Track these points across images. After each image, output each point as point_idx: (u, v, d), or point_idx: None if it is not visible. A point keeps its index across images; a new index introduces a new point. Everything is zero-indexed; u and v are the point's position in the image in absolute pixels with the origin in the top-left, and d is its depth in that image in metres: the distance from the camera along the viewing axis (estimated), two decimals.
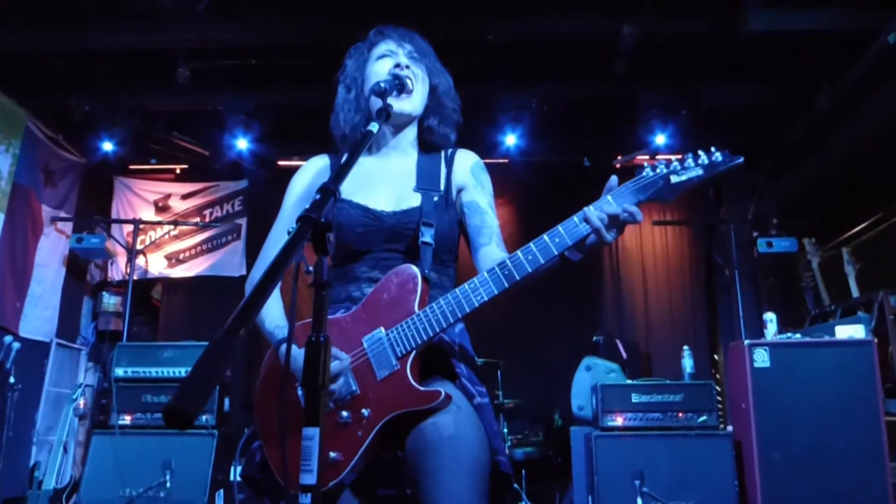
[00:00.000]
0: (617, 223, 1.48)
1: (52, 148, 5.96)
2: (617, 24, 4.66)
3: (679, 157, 1.55)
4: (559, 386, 4.90)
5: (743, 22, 4.42)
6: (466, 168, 1.84)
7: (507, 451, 1.60)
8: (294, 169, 1.91)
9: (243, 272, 6.33)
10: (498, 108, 5.50)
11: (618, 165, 6.13)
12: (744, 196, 6.39)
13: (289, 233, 1.04)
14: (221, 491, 4.21)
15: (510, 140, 5.82)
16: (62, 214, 6.08)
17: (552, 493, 4.97)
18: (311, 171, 1.86)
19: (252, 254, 6.33)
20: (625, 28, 4.64)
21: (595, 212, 1.47)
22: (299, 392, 1.52)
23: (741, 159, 1.54)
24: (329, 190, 1.12)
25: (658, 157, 6.05)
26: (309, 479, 0.99)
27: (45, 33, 4.79)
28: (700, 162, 1.53)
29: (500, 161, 5.95)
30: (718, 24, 4.61)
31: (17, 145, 5.46)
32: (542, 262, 1.49)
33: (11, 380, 4.91)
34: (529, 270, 1.49)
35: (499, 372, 5.10)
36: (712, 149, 1.54)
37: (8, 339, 5.00)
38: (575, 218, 1.51)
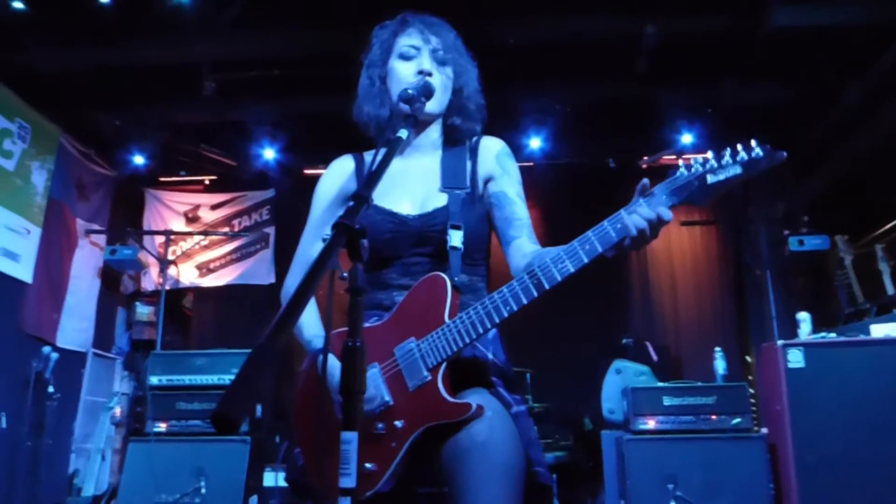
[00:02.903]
0: (651, 226, 1.41)
1: (85, 163, 6.09)
2: (639, 24, 4.64)
3: (715, 153, 1.44)
4: (588, 389, 4.87)
5: (766, 18, 4.38)
6: (492, 156, 1.79)
7: (545, 463, 1.57)
8: (320, 178, 1.90)
9: (272, 280, 6.40)
10: (521, 111, 5.50)
11: (644, 166, 6.09)
12: (772, 194, 6.30)
13: (324, 240, 1.06)
14: (255, 497, 4.26)
15: (534, 143, 5.81)
16: (95, 227, 6.21)
17: (583, 497, 4.94)
18: (336, 174, 1.85)
19: (280, 262, 6.41)
20: (647, 27, 4.62)
21: (627, 217, 1.42)
22: (336, 402, 1.53)
23: (784, 155, 1.42)
24: (362, 197, 1.14)
25: (684, 155, 5.99)
26: (348, 482, 1.00)
27: (75, 51, 4.91)
28: (739, 159, 1.42)
29: (525, 164, 5.95)
30: (741, 21, 4.56)
31: (52, 161, 5.59)
32: (573, 270, 1.44)
33: (50, 389, 5.02)
34: (559, 279, 1.44)
35: (527, 376, 5.09)
36: (752, 143, 1.42)
37: (46, 349, 5.12)
38: (606, 223, 1.44)
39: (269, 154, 6.05)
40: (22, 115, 5.23)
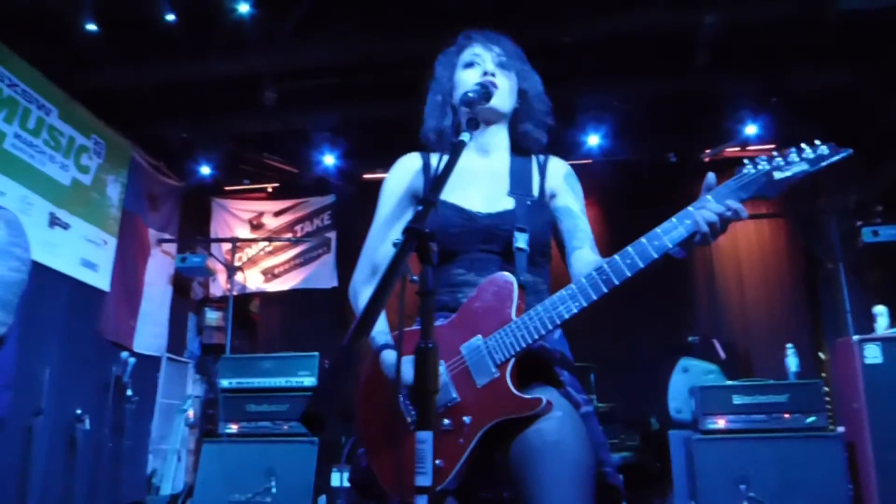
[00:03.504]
0: (722, 220, 1.43)
1: (155, 175, 6.34)
2: (697, 14, 4.55)
3: (781, 151, 1.46)
4: (654, 388, 4.80)
5: (833, 1, 4.22)
6: (559, 176, 1.84)
7: (614, 463, 1.56)
8: (379, 182, 1.93)
9: (335, 284, 6.51)
10: (578, 108, 5.45)
11: (706, 159, 5.95)
12: (842, 184, 6.06)
13: (395, 244, 1.09)
14: (324, 497, 4.35)
15: (592, 140, 5.75)
16: (166, 236, 6.45)
17: (651, 498, 4.86)
18: (403, 171, 1.88)
19: (342, 265, 6.51)
20: (706, 17, 4.52)
21: (696, 212, 1.42)
22: (400, 400, 1.55)
23: (849, 151, 1.43)
24: (430, 201, 1.16)
25: (749, 147, 5.85)
26: (424, 480, 1.03)
27: (143, 68, 5.11)
28: (805, 156, 1.45)
29: (583, 162, 5.89)
30: (806, 6, 4.41)
31: (125, 174, 5.83)
32: (642, 265, 1.44)
33: (129, 392, 5.24)
34: (629, 275, 1.45)
35: (591, 375, 5.04)
36: (816, 142, 1.45)
37: (124, 354, 5.35)
38: (674, 219, 1.45)
39: (329, 160, 6.16)
40: (97, 131, 5.48)
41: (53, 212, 4.98)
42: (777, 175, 1.45)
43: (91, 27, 4.44)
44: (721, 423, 3.89)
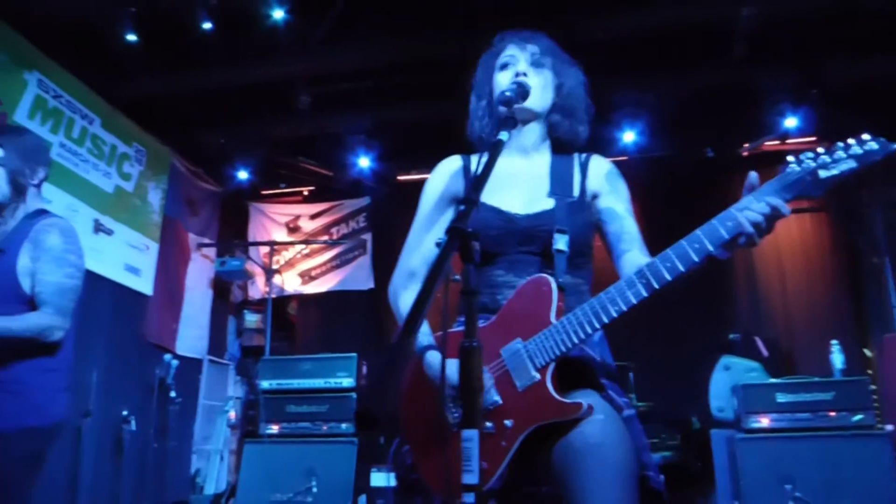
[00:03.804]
0: (766, 220, 1.39)
1: (194, 180, 6.46)
2: (734, 7, 4.48)
3: (826, 147, 1.41)
4: (694, 387, 4.73)
5: None
6: (601, 175, 1.81)
7: (657, 468, 1.55)
8: (413, 183, 1.96)
9: (371, 286, 6.55)
10: (613, 105, 5.41)
11: (745, 153, 5.86)
12: (887, 175, 5.89)
13: (437, 244, 1.10)
14: (364, 496, 4.39)
15: (628, 137, 5.70)
16: (206, 241, 6.57)
17: (692, 498, 4.80)
18: (444, 173, 1.89)
19: (378, 267, 6.55)
20: (743, 9, 4.45)
21: (739, 213, 1.40)
22: (445, 400, 1.56)
23: None
24: (471, 200, 1.17)
25: (788, 140, 5.74)
26: (471, 478, 1.03)
27: (181, 75, 5.22)
28: (852, 152, 1.39)
29: (619, 159, 5.83)
30: None
31: (165, 180, 5.96)
32: (683, 270, 1.42)
33: (172, 394, 5.35)
34: (669, 279, 1.43)
35: (630, 374, 5.00)
36: (865, 136, 1.39)
37: (167, 357, 5.46)
38: (715, 221, 1.42)
39: (363, 162, 6.21)
40: (138, 139, 5.61)
41: (98, 218, 5.11)
42: (823, 174, 1.40)
43: (131, 38, 4.54)
44: (764, 421, 3.82)
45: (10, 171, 2.35)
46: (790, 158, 1.43)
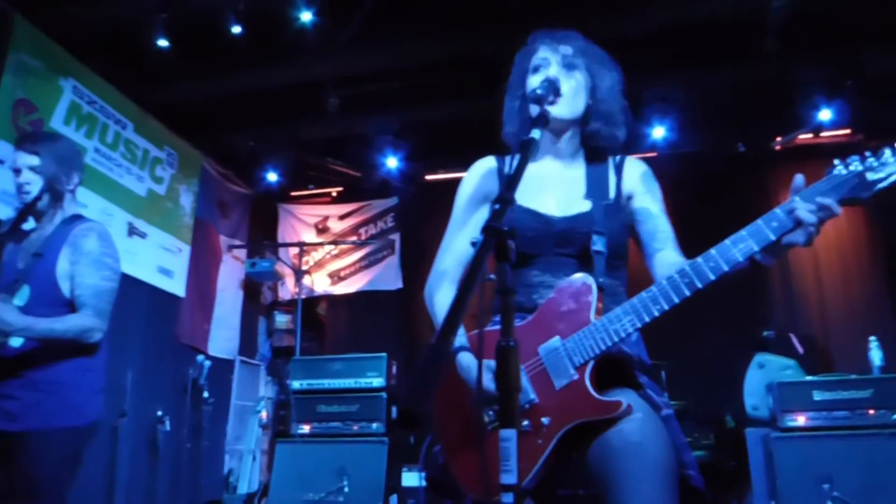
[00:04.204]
0: (812, 223, 1.36)
1: (225, 183, 6.54)
2: (765, 0, 4.40)
3: (872, 151, 1.38)
4: (728, 385, 4.66)
5: None
6: (636, 177, 1.81)
7: (697, 466, 1.53)
8: (440, 183, 1.97)
9: (399, 285, 6.58)
10: (642, 101, 5.35)
11: (777, 148, 5.76)
12: None
13: (473, 244, 1.10)
14: (395, 496, 4.40)
15: (658, 133, 5.64)
16: (236, 242, 6.65)
17: (728, 498, 4.73)
18: (478, 174, 1.89)
19: (407, 267, 6.57)
20: (775, 2, 4.37)
21: (785, 213, 1.37)
22: (479, 400, 1.56)
23: None
24: (506, 199, 1.17)
25: (822, 133, 5.63)
26: (510, 478, 1.03)
27: (211, 79, 5.28)
28: None
29: (649, 155, 5.78)
30: None
31: (196, 183, 6.05)
32: (726, 269, 1.41)
33: (205, 394, 5.42)
34: (712, 279, 1.42)
35: (663, 373, 4.94)
36: None
37: (200, 358, 5.54)
38: (760, 221, 1.40)
39: (391, 163, 6.24)
40: (169, 143, 5.70)
41: (131, 222, 5.20)
42: (871, 176, 1.37)
43: (162, 43, 4.61)
44: (801, 420, 3.76)
45: (48, 177, 2.40)
46: (836, 161, 1.40)
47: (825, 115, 5.35)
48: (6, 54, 4.14)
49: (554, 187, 1.78)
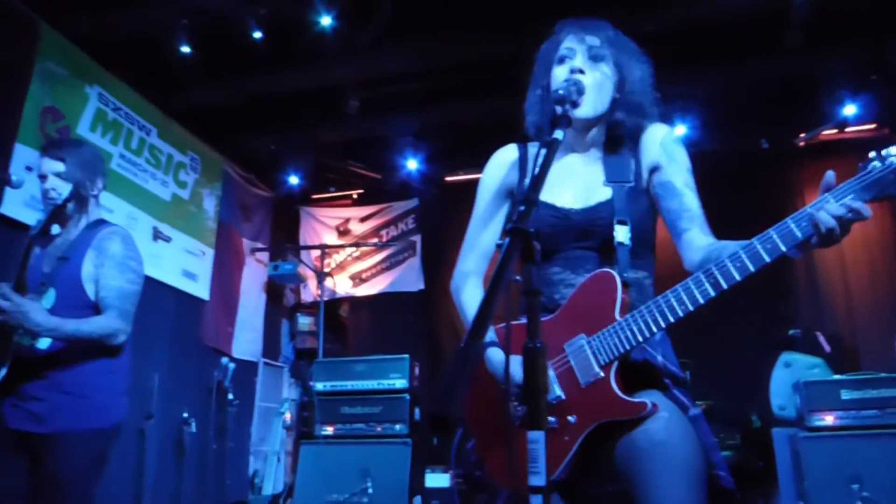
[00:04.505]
0: (842, 224, 1.30)
1: (247, 186, 6.60)
2: None
3: None
4: (754, 385, 4.62)
5: None
6: (656, 144, 1.71)
7: (727, 467, 1.51)
8: (461, 184, 1.95)
9: (421, 287, 6.59)
10: (663, 99, 5.30)
11: (801, 143, 5.68)
12: None
13: (498, 246, 1.10)
14: (419, 497, 4.41)
15: (679, 131, 5.60)
16: (259, 245, 6.70)
17: (755, 499, 4.68)
18: (498, 167, 1.86)
19: (428, 268, 6.58)
20: None
21: (815, 213, 1.32)
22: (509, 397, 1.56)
23: None
24: (531, 201, 1.17)
25: (848, 129, 5.55)
26: (538, 480, 1.04)
27: (233, 84, 5.34)
28: None
29: None
30: None
31: (219, 187, 6.11)
32: (753, 269, 1.37)
33: (230, 396, 5.47)
34: (738, 279, 1.38)
35: (687, 372, 4.90)
36: None
37: (224, 360, 5.59)
38: (789, 220, 1.36)
39: (411, 165, 6.26)
40: (192, 147, 5.76)
41: (156, 226, 5.27)
42: None
43: (185, 49, 4.67)
44: (829, 419, 3.71)
45: (73, 183, 2.44)
46: (871, 154, 1.33)
47: (850, 109, 5.27)
48: (34, 63, 4.22)
49: (572, 179, 1.74)
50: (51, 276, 2.40)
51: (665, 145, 1.71)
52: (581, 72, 1.68)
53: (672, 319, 1.45)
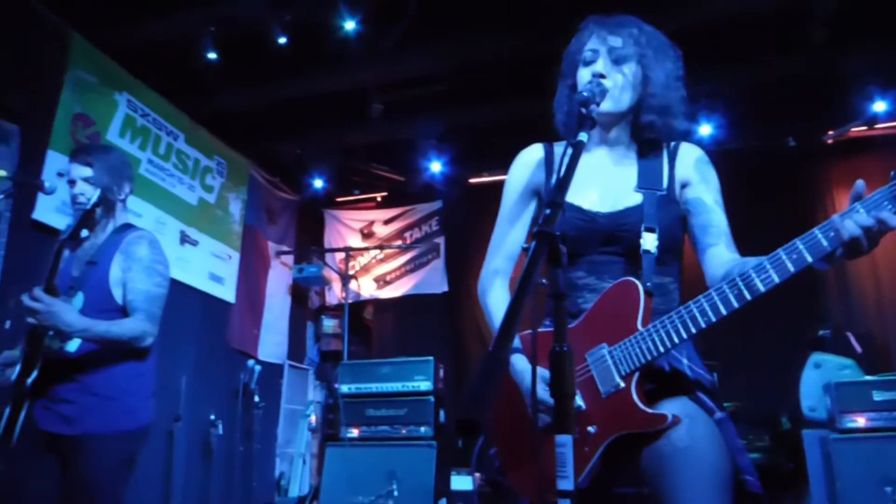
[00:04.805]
0: (870, 235, 1.27)
1: (272, 190, 6.66)
2: None
3: None
4: (783, 386, 4.55)
5: None
6: (690, 163, 1.72)
7: (755, 471, 1.48)
8: (484, 186, 1.94)
9: (445, 289, 6.60)
10: (689, 97, 5.25)
11: (829, 141, 5.59)
12: None
13: (524, 249, 1.10)
14: (444, 500, 4.41)
15: (704, 130, 5.54)
16: (284, 248, 6.76)
17: (784, 502, 4.61)
18: (523, 166, 1.84)
19: (452, 270, 6.59)
20: None
21: (842, 223, 1.28)
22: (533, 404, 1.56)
23: None
24: (557, 204, 1.16)
25: (877, 126, 5.45)
26: (566, 484, 1.03)
27: (258, 89, 5.39)
28: None
29: None
30: None
31: (244, 191, 6.18)
32: (778, 281, 1.35)
33: (256, 398, 5.52)
34: (762, 290, 1.36)
35: (714, 374, 4.84)
36: None
37: (251, 362, 5.64)
38: (816, 230, 1.32)
39: (435, 167, 6.28)
40: (219, 152, 5.83)
41: (184, 230, 5.34)
42: None
43: (211, 56, 4.73)
44: (861, 421, 3.65)
45: (101, 188, 2.48)
46: None
47: (880, 106, 5.17)
48: (65, 71, 4.30)
49: (601, 181, 1.72)
50: (79, 280, 2.43)
51: (698, 165, 1.73)
52: (602, 76, 1.66)
53: (694, 330, 1.43)
